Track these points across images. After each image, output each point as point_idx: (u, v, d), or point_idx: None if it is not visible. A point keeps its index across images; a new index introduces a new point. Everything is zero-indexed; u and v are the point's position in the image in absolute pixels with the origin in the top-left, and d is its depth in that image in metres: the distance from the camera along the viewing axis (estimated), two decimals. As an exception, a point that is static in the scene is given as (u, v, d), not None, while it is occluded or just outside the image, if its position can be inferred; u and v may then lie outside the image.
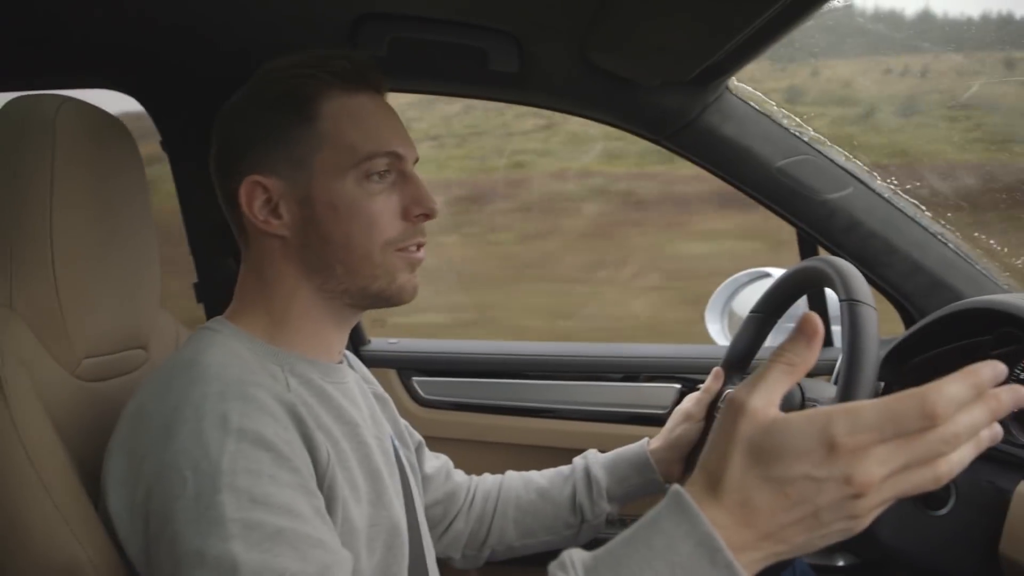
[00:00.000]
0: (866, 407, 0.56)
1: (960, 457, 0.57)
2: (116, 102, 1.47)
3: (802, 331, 0.62)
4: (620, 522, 1.68)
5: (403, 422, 1.20)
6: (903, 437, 0.55)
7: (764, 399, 0.60)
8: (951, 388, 0.56)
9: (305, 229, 0.92)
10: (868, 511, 0.57)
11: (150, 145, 1.47)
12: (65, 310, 0.89)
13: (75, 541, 0.78)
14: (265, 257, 0.94)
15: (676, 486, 0.61)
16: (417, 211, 0.94)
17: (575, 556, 0.64)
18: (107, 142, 0.98)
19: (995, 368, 0.58)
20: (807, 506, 0.57)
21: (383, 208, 0.92)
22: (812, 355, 0.62)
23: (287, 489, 0.75)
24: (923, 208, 1.56)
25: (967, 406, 0.56)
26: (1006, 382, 1.20)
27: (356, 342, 1.83)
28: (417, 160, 0.99)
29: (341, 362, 1.01)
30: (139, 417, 0.81)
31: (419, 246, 0.96)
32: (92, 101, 0.98)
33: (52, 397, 0.86)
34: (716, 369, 1.33)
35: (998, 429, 0.58)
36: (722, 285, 1.94)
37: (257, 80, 0.95)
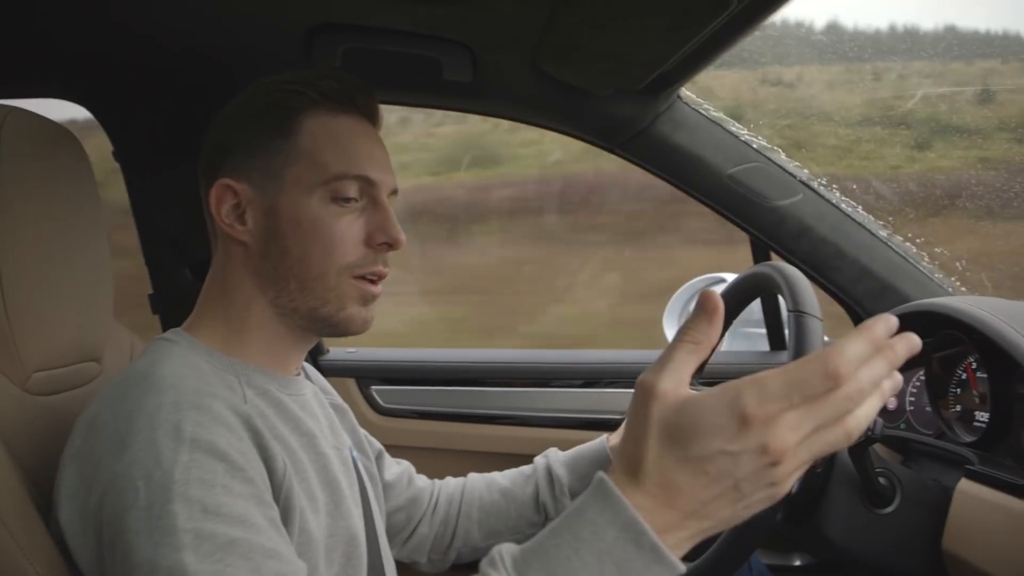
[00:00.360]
0: (772, 376, 0.57)
1: (866, 411, 0.58)
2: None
3: (703, 309, 0.63)
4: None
5: (362, 431, 1.20)
6: (810, 400, 0.57)
7: (673, 380, 0.61)
8: (849, 347, 0.57)
9: (266, 239, 0.92)
10: (787, 477, 0.59)
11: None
12: (13, 323, 0.88)
13: (23, 556, 0.77)
14: (228, 262, 0.95)
15: (600, 474, 0.62)
16: (380, 239, 0.93)
17: (504, 550, 0.65)
18: (55, 152, 0.97)
19: (888, 321, 0.60)
20: (727, 480, 0.58)
21: (346, 231, 0.92)
22: (715, 332, 0.63)
23: (240, 500, 0.75)
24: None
25: (867, 362, 0.58)
26: (945, 383, 1.24)
27: (314, 352, 1.82)
28: (396, 191, 0.99)
29: (299, 374, 1.01)
30: (92, 428, 0.80)
31: (377, 278, 0.95)
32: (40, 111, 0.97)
33: (1, 411, 0.85)
34: None
35: (898, 378, 0.60)
36: (679, 290, 1.96)
37: (249, 91, 0.97)
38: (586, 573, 0.60)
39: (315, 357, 1.81)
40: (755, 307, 1.75)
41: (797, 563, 1.68)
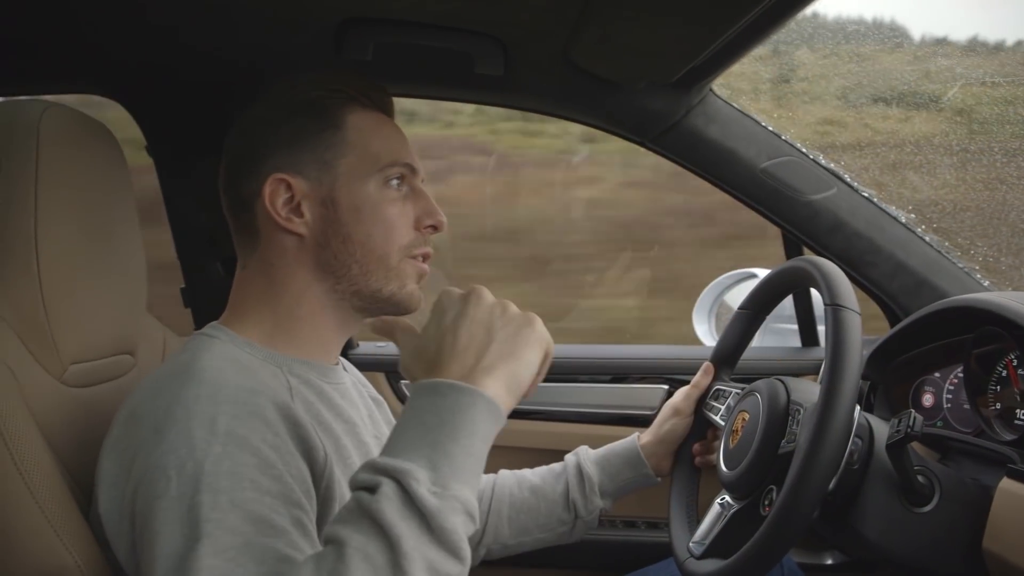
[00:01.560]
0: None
1: None
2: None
3: None
4: (610, 522, 1.70)
5: None
6: None
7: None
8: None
9: (325, 229, 0.96)
10: (515, 310, 0.80)
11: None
12: (51, 316, 0.89)
13: (63, 547, 0.78)
14: (276, 257, 0.96)
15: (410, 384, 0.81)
16: (428, 222, 1.00)
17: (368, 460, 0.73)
18: (92, 147, 0.98)
19: None
20: (478, 328, 0.78)
21: (400, 214, 0.98)
22: None
23: (267, 497, 0.74)
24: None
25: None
26: (984, 380, 1.22)
27: (344, 347, 1.83)
28: (424, 180, 1.05)
29: (337, 364, 1.03)
30: (132, 419, 0.81)
31: (425, 258, 1.01)
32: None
33: (39, 403, 0.86)
34: (706, 364, 1.34)
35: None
36: (709, 286, 1.95)
37: (279, 90, 1.00)
38: (411, 431, 0.72)
39: (345, 352, 1.82)
40: (787, 303, 1.73)
41: (829, 562, 1.66)
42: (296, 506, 0.78)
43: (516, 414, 1.74)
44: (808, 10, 1.13)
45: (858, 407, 1.00)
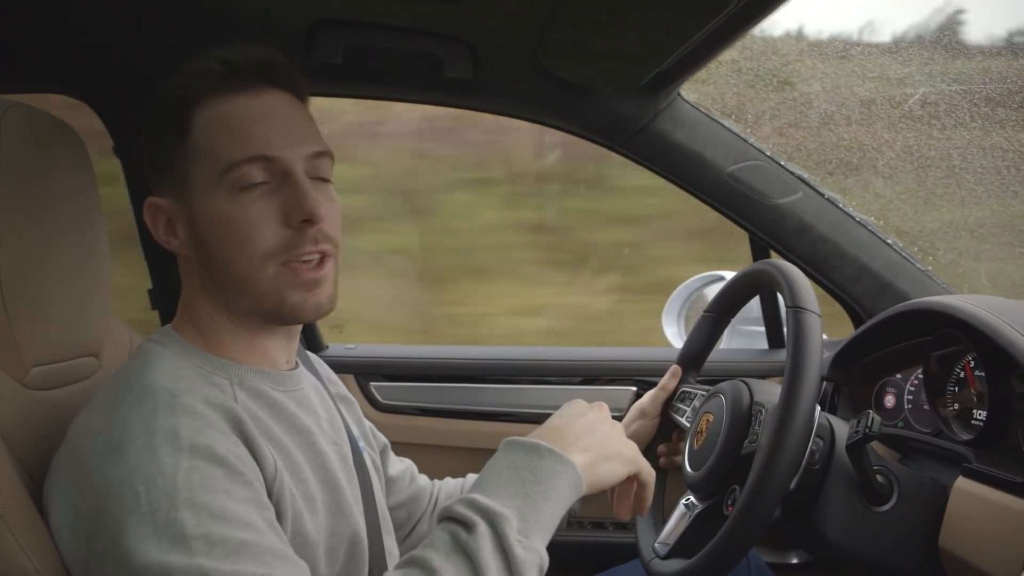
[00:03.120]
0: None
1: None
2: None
3: None
4: (579, 523, 1.71)
5: (368, 424, 1.19)
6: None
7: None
8: None
9: (197, 249, 0.89)
10: (626, 440, 0.93)
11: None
12: (12, 318, 0.88)
13: (21, 551, 0.77)
14: (184, 275, 0.94)
15: (506, 439, 0.87)
16: (297, 217, 0.86)
17: (448, 502, 0.81)
18: (54, 147, 0.96)
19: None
20: (585, 424, 0.91)
21: (259, 218, 0.86)
22: None
23: (241, 504, 0.75)
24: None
25: None
26: (943, 381, 1.25)
27: (313, 348, 1.82)
28: (323, 155, 0.91)
29: (295, 368, 1.00)
30: (85, 433, 0.79)
31: (319, 258, 0.89)
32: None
33: None
34: (674, 367, 1.35)
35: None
36: (677, 289, 1.96)
37: (158, 92, 0.92)
38: (508, 481, 0.81)
39: (315, 352, 1.81)
40: (754, 305, 1.75)
41: (795, 561, 1.68)
42: (266, 508, 0.79)
43: (487, 416, 1.75)
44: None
45: (819, 408, 1.02)
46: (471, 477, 1.33)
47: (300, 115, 0.93)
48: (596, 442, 0.89)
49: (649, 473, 0.93)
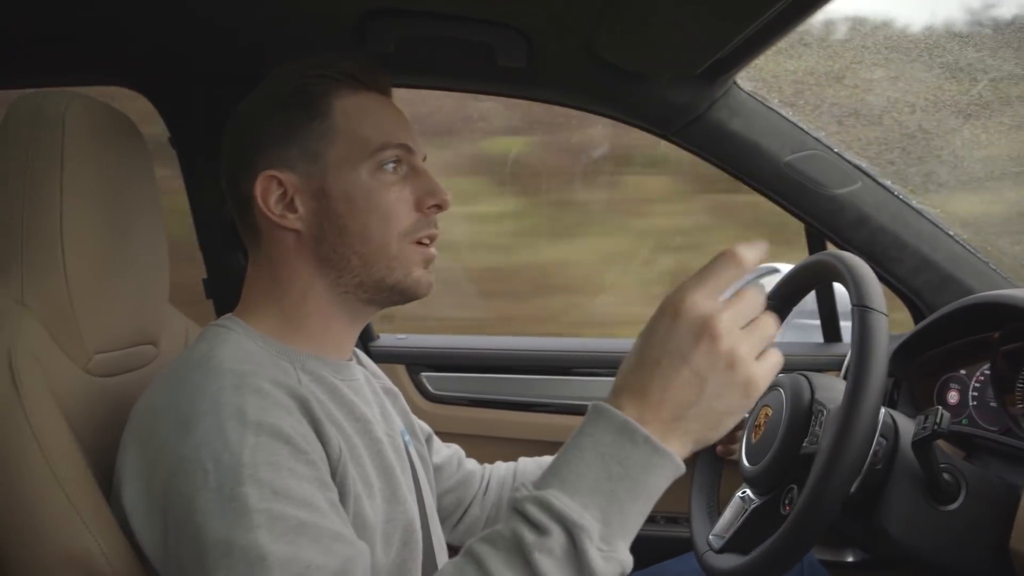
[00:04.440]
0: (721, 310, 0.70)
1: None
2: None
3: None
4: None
5: (413, 416, 1.20)
6: (729, 307, 0.70)
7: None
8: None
9: (320, 222, 0.93)
10: (747, 373, 0.70)
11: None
12: (76, 306, 0.90)
13: (88, 533, 0.79)
14: (278, 254, 0.94)
15: (593, 402, 0.72)
16: (430, 202, 0.95)
17: (522, 484, 0.72)
18: (116, 139, 0.98)
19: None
20: (694, 382, 0.69)
21: (397, 199, 0.94)
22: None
23: (304, 483, 0.77)
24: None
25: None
26: (1012, 378, 1.21)
27: (365, 338, 1.83)
28: (426, 158, 1.00)
29: (351, 359, 1.02)
30: (153, 412, 0.81)
31: (431, 240, 0.97)
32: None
33: (64, 392, 0.86)
34: None
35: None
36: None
37: (268, 81, 0.97)
38: (592, 474, 0.69)
39: (365, 343, 1.83)
40: (808, 299, 1.72)
41: (850, 559, 1.65)
42: (329, 488, 0.80)
43: (537, 407, 1.75)
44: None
45: (882, 407, 0.99)
46: (524, 460, 1.33)
47: (408, 120, 1.01)
48: (704, 411, 0.70)
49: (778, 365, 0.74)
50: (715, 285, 0.70)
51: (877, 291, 0.99)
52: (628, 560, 0.70)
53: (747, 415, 1.21)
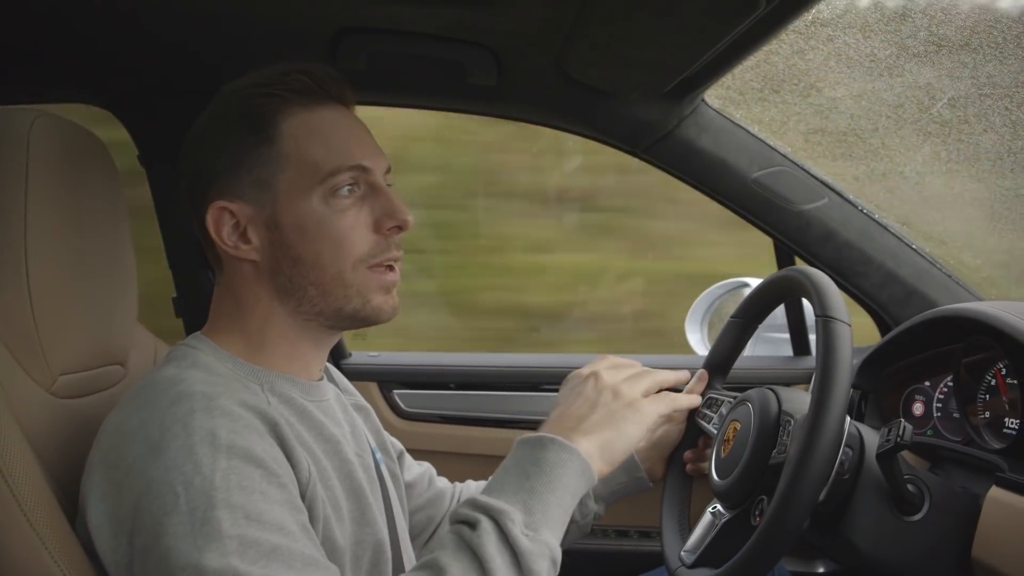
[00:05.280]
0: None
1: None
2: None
3: None
4: (602, 531, 1.70)
5: (384, 432, 1.20)
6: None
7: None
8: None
9: (275, 253, 0.91)
10: (630, 397, 0.95)
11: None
12: (40, 327, 0.89)
13: (51, 560, 0.77)
14: (239, 282, 0.93)
15: (517, 438, 0.89)
16: (389, 223, 0.92)
17: (467, 499, 0.83)
18: (83, 157, 0.97)
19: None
20: (586, 403, 0.93)
21: (353, 224, 0.91)
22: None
23: (276, 506, 0.76)
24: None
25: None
26: (974, 389, 1.23)
27: (336, 356, 1.82)
28: (389, 170, 0.97)
29: (321, 379, 1.01)
30: (122, 434, 0.80)
31: (392, 264, 0.94)
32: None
33: (27, 415, 0.85)
34: (701, 371, 1.33)
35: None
36: (701, 295, 1.95)
37: (218, 101, 0.94)
38: (514, 478, 0.83)
39: (337, 361, 1.82)
40: (779, 312, 1.74)
41: (821, 570, 1.66)
42: (300, 511, 0.80)
43: (510, 423, 1.75)
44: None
45: (848, 417, 1.01)
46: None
47: (368, 132, 0.98)
48: (599, 419, 0.91)
49: (676, 401, 1.02)
50: (595, 363, 1.01)
51: (839, 302, 1.00)
52: (556, 548, 0.80)
53: (715, 431, 1.22)
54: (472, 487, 1.31)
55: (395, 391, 1.79)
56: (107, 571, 0.78)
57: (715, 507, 1.14)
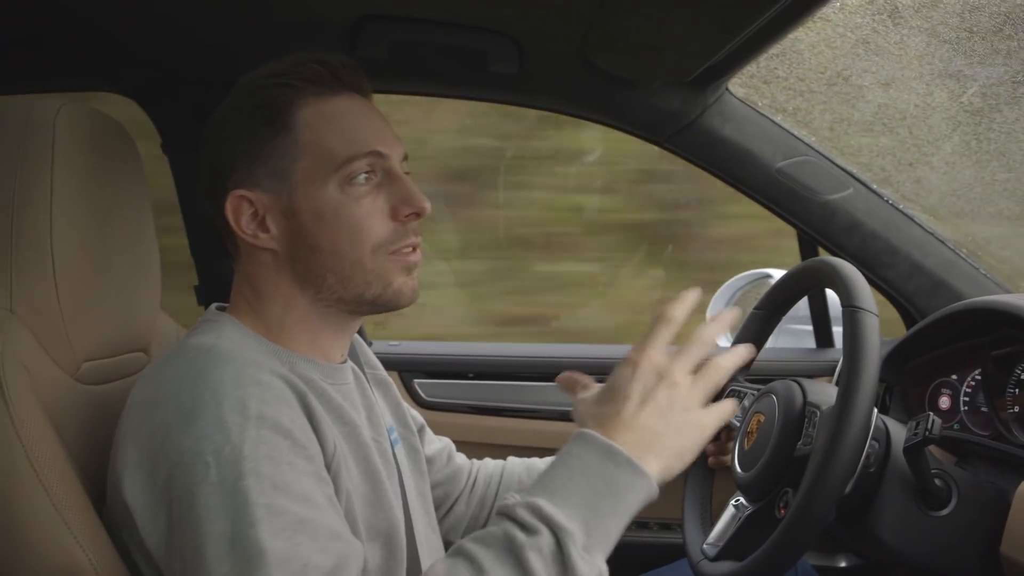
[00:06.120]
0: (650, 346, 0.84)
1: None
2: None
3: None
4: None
5: (405, 405, 1.19)
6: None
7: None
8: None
9: (293, 241, 0.91)
10: (695, 402, 0.83)
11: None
12: (65, 313, 0.89)
13: (75, 543, 0.78)
14: (258, 270, 0.94)
15: (578, 429, 0.81)
16: (406, 211, 0.92)
17: (509, 495, 0.78)
18: (107, 145, 0.98)
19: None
20: (656, 412, 0.81)
21: (370, 211, 0.91)
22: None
23: (304, 477, 0.77)
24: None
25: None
26: (1002, 383, 1.21)
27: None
28: (406, 157, 0.97)
29: (344, 362, 1.01)
30: (152, 404, 0.81)
31: (413, 247, 0.94)
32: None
33: (52, 400, 0.86)
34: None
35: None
36: (723, 287, 1.94)
37: (235, 92, 0.94)
38: (578, 489, 0.76)
39: (358, 344, 1.82)
40: (800, 304, 1.72)
41: (843, 564, 1.65)
42: (326, 483, 0.81)
43: (530, 413, 1.75)
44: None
45: (875, 410, 0.99)
46: (512, 460, 1.32)
47: (385, 120, 0.97)
48: (669, 441, 0.81)
49: (727, 412, 0.87)
50: (662, 342, 0.84)
51: (866, 292, 0.99)
52: (604, 571, 0.77)
53: (737, 423, 1.21)
54: (489, 466, 1.30)
55: (415, 380, 1.80)
56: (146, 543, 0.78)
57: (738, 500, 1.14)
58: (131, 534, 0.80)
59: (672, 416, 0.81)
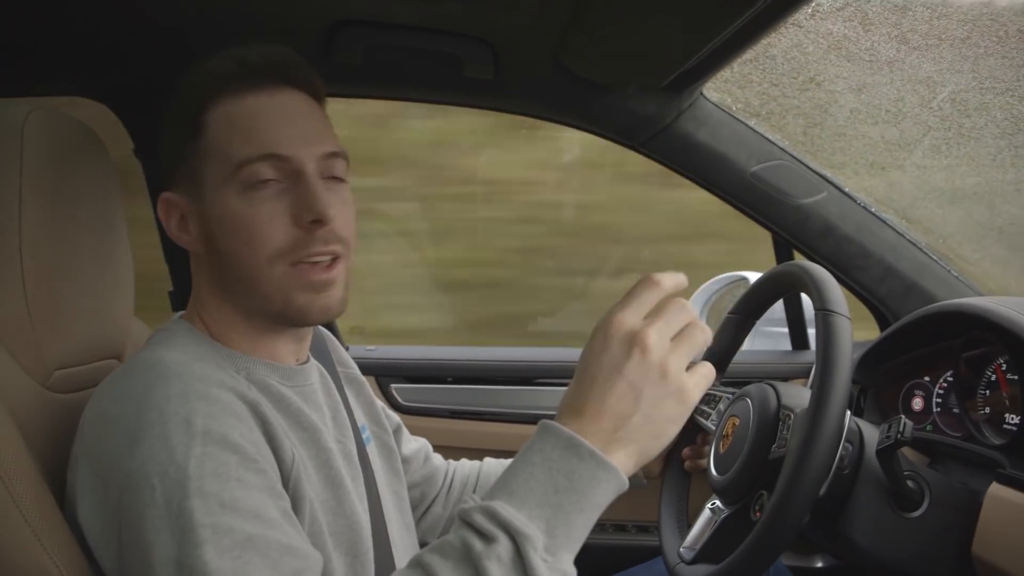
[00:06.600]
0: (624, 307, 0.74)
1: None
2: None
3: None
4: (600, 525, 1.69)
5: (380, 404, 1.18)
6: (658, 314, 0.74)
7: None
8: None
9: (207, 246, 0.90)
10: (677, 381, 0.72)
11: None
12: (35, 321, 0.88)
13: (45, 553, 0.77)
14: (196, 273, 0.94)
15: (543, 420, 0.74)
16: (306, 217, 0.86)
17: (471, 498, 0.73)
18: (78, 150, 0.97)
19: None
20: (629, 392, 0.72)
21: (268, 217, 0.85)
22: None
23: (254, 492, 0.75)
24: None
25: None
26: (974, 384, 1.22)
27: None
28: (336, 155, 0.91)
29: (306, 361, 0.99)
30: (101, 422, 0.79)
31: (329, 260, 0.89)
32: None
33: (22, 409, 0.84)
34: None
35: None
36: (699, 290, 1.94)
37: (175, 90, 0.93)
38: (541, 488, 0.70)
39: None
40: (777, 307, 1.73)
41: (819, 565, 1.66)
42: (280, 497, 0.78)
43: (508, 418, 1.74)
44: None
45: (848, 412, 1.00)
46: (488, 460, 1.32)
47: (315, 115, 0.93)
48: (641, 420, 0.72)
49: (711, 376, 0.77)
50: (639, 305, 0.74)
51: (839, 296, 1.00)
52: (572, 572, 0.72)
53: (714, 427, 1.22)
54: (466, 467, 1.30)
55: (392, 385, 1.79)
56: (102, 566, 0.78)
57: (714, 503, 1.14)
58: (88, 552, 0.79)
59: (647, 390, 0.71)
